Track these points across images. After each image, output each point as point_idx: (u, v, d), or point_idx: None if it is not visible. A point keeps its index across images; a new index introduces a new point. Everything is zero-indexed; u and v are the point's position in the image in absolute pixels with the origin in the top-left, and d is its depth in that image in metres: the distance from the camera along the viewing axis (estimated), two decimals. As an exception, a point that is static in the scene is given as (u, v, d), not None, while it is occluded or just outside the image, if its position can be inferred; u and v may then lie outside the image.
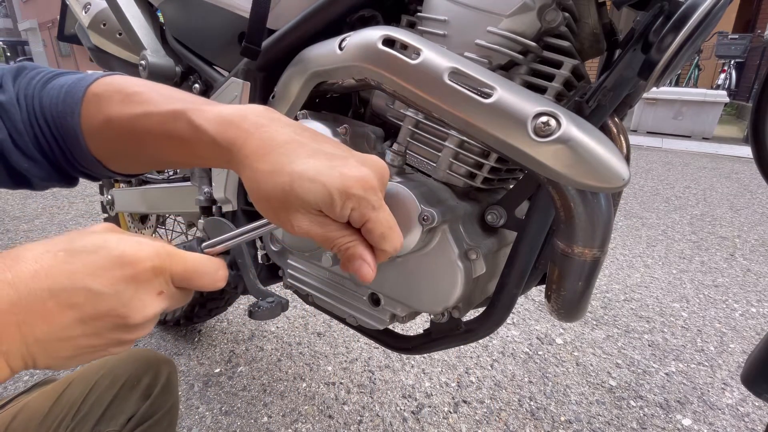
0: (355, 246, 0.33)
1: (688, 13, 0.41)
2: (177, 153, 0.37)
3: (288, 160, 0.31)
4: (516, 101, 0.43)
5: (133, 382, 0.58)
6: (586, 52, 0.57)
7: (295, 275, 0.71)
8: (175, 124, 0.35)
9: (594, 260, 0.47)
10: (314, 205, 0.31)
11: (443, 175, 0.56)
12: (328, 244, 0.33)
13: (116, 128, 0.37)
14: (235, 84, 0.69)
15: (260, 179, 0.31)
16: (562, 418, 1.15)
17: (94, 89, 0.38)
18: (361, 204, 0.31)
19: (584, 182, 0.41)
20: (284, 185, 0.31)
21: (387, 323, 0.63)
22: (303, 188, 0.30)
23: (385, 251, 0.34)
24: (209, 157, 0.35)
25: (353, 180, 0.31)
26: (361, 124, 0.64)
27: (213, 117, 0.33)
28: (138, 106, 0.36)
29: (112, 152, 0.40)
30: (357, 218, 0.32)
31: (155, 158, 0.40)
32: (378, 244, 0.34)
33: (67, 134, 0.39)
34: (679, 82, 7.00)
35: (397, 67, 0.48)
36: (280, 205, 0.31)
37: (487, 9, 0.49)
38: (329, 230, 0.32)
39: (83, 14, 0.97)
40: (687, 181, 3.53)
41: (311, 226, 0.32)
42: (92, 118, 0.38)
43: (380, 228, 0.33)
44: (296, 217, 0.32)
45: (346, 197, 0.31)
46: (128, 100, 0.37)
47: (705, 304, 1.72)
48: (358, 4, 0.58)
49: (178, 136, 0.35)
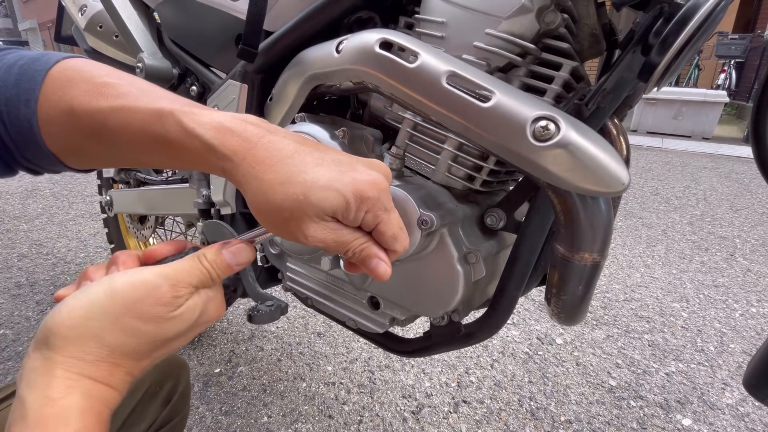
0: (369, 246, 0.33)
1: (689, 14, 0.41)
2: (157, 155, 0.34)
3: (298, 170, 0.31)
4: (515, 105, 0.42)
5: (155, 388, 0.57)
6: (585, 53, 0.56)
7: (295, 278, 0.71)
8: (160, 125, 0.32)
9: (594, 265, 0.47)
10: (330, 212, 0.31)
11: (442, 177, 0.56)
12: (342, 248, 0.33)
13: (82, 121, 0.33)
14: (233, 86, 0.68)
15: (269, 190, 0.31)
16: (562, 418, 1.14)
17: (56, 73, 0.33)
18: (376, 206, 0.32)
19: (584, 187, 0.40)
20: (297, 195, 0.30)
21: (386, 326, 0.63)
22: (318, 196, 0.30)
23: (396, 252, 0.35)
24: (197, 163, 0.33)
25: (367, 184, 0.32)
26: (359, 127, 0.63)
27: (209, 122, 0.32)
28: (111, 98, 0.32)
29: (73, 147, 0.35)
30: (370, 221, 0.33)
31: (126, 158, 0.36)
32: (389, 245, 0.34)
33: (17, 123, 0.33)
34: (679, 82, 6.99)
35: (394, 70, 0.48)
36: (292, 216, 0.31)
37: (485, 11, 0.49)
38: (342, 235, 0.32)
39: (80, 16, 0.97)
40: (687, 181, 3.52)
41: (325, 233, 0.32)
42: (52, 106, 0.33)
43: (392, 229, 0.33)
44: (309, 227, 0.31)
45: (360, 201, 0.31)
46: (98, 90, 0.32)
47: (705, 304, 1.72)
48: (355, 6, 0.58)
49: (162, 137, 0.32)
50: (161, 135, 0.32)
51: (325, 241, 0.32)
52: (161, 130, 0.32)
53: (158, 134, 0.32)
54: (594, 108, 0.47)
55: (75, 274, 1.82)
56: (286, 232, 0.32)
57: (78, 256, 1.97)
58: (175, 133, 0.32)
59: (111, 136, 0.33)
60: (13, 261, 1.91)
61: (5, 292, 1.67)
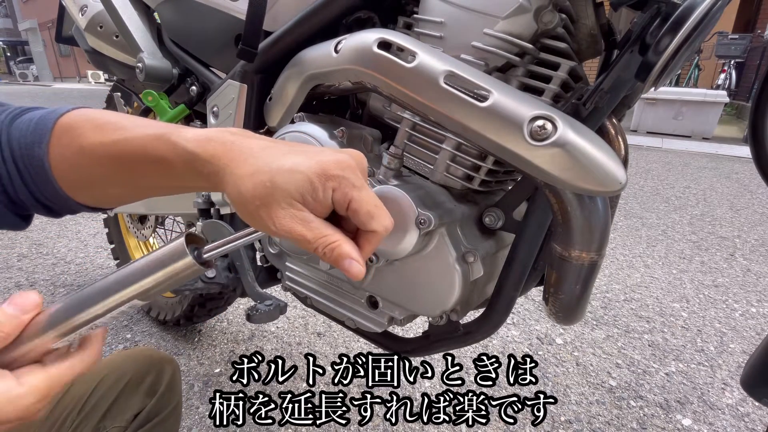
0: (339, 245, 0.32)
1: (686, 14, 0.41)
2: (156, 175, 0.38)
3: (265, 162, 0.32)
4: (512, 105, 0.42)
5: (137, 379, 0.59)
6: (584, 52, 0.56)
7: (294, 278, 0.71)
8: (154, 146, 0.36)
9: (591, 264, 0.47)
10: (297, 194, 0.31)
11: (440, 177, 0.56)
12: (312, 245, 0.32)
13: (90, 156, 0.38)
14: (232, 86, 0.69)
15: (240, 183, 0.32)
16: (562, 418, 1.14)
17: (66, 120, 0.39)
18: (342, 183, 0.32)
19: (581, 186, 0.40)
20: (265, 182, 0.31)
21: (385, 326, 0.63)
22: (283, 179, 0.31)
23: (376, 232, 0.33)
24: (187, 175, 0.36)
25: (331, 163, 0.32)
26: (358, 126, 0.63)
27: (192, 136, 0.35)
28: (113, 132, 0.37)
29: (83, 182, 0.40)
30: (340, 199, 0.32)
31: (131, 183, 0.40)
32: (366, 225, 0.33)
33: (32, 164, 0.39)
34: (679, 82, 6.98)
35: (392, 70, 0.48)
36: (262, 203, 0.32)
37: (483, 11, 0.49)
38: (311, 228, 0.32)
39: (80, 17, 0.97)
40: (687, 181, 3.52)
41: (293, 223, 0.31)
42: (65, 148, 0.38)
43: (365, 206, 0.32)
44: (277, 214, 0.31)
45: (325, 179, 0.32)
46: (102, 128, 0.38)
47: (705, 304, 1.72)
48: (354, 6, 0.58)
49: (158, 156, 0.36)
50: (158, 154, 0.36)
51: (293, 232, 0.31)
52: (154, 151, 0.36)
53: (155, 155, 0.36)
54: (592, 108, 0.47)
55: (75, 274, 1.82)
56: (260, 222, 0.33)
57: (78, 256, 1.97)
58: (166, 150, 0.35)
59: (116, 164, 0.38)
60: (13, 261, 1.92)
61: (5, 292, 1.67)
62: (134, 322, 1.49)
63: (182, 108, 0.88)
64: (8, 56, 23.89)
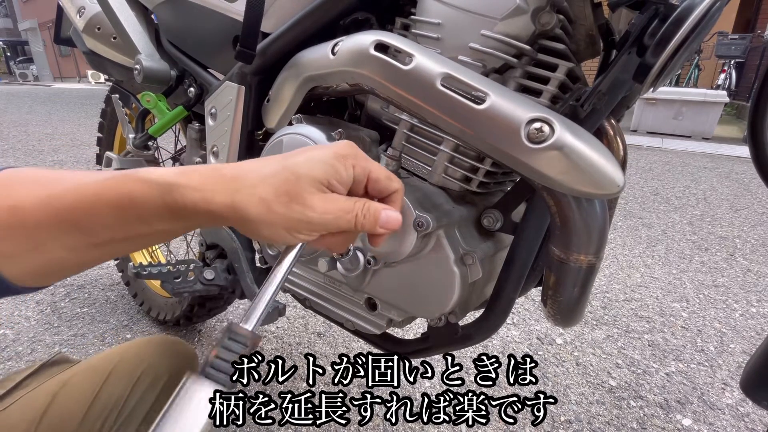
0: (370, 204, 0.35)
1: (684, 15, 0.41)
2: (116, 220, 0.31)
3: (278, 164, 0.33)
4: (509, 107, 0.42)
5: (174, 381, 0.56)
6: (582, 53, 0.56)
7: (293, 279, 0.71)
8: (113, 186, 0.30)
9: (589, 266, 0.47)
10: (323, 178, 0.33)
11: (439, 179, 0.56)
12: (348, 216, 0.34)
13: (26, 215, 0.30)
14: (230, 88, 0.69)
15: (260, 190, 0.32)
16: (562, 418, 1.14)
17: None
18: (358, 158, 0.35)
19: (578, 189, 0.40)
20: (288, 177, 0.32)
21: (384, 328, 0.63)
22: (306, 168, 0.33)
23: (397, 191, 0.37)
24: (162, 214, 0.31)
25: (339, 146, 0.35)
26: (356, 128, 0.63)
27: (162, 171, 0.31)
28: (57, 183, 0.31)
29: (20, 250, 0.31)
30: (360, 173, 0.35)
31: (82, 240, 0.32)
32: (389, 187, 0.36)
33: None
34: (679, 82, 6.98)
35: (389, 72, 0.48)
36: (290, 198, 0.32)
37: (480, 12, 0.49)
38: (344, 203, 0.34)
39: (78, 18, 0.97)
40: (687, 181, 3.52)
41: (328, 203, 0.33)
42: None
43: (383, 172, 0.36)
44: (313, 199, 0.32)
45: (343, 159, 0.34)
46: (40, 182, 0.31)
47: (705, 304, 1.72)
48: (351, 8, 0.58)
49: (120, 195, 0.30)
50: (116, 193, 0.30)
51: (331, 210, 0.33)
52: (115, 189, 0.30)
53: (111, 195, 0.30)
54: (590, 109, 0.47)
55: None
56: (295, 220, 0.32)
57: (78, 257, 1.97)
58: (132, 186, 0.31)
59: (62, 219, 0.30)
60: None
61: (5, 293, 1.67)
62: (134, 322, 1.49)
63: (180, 109, 0.88)
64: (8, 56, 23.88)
